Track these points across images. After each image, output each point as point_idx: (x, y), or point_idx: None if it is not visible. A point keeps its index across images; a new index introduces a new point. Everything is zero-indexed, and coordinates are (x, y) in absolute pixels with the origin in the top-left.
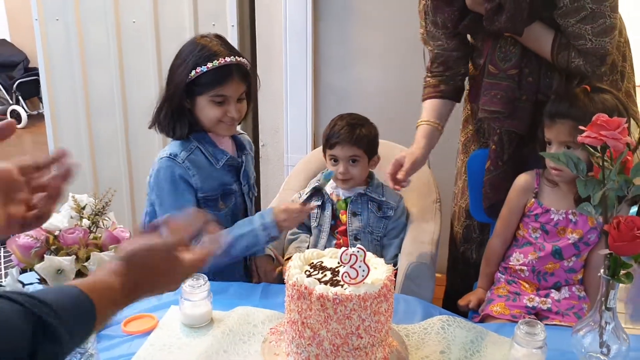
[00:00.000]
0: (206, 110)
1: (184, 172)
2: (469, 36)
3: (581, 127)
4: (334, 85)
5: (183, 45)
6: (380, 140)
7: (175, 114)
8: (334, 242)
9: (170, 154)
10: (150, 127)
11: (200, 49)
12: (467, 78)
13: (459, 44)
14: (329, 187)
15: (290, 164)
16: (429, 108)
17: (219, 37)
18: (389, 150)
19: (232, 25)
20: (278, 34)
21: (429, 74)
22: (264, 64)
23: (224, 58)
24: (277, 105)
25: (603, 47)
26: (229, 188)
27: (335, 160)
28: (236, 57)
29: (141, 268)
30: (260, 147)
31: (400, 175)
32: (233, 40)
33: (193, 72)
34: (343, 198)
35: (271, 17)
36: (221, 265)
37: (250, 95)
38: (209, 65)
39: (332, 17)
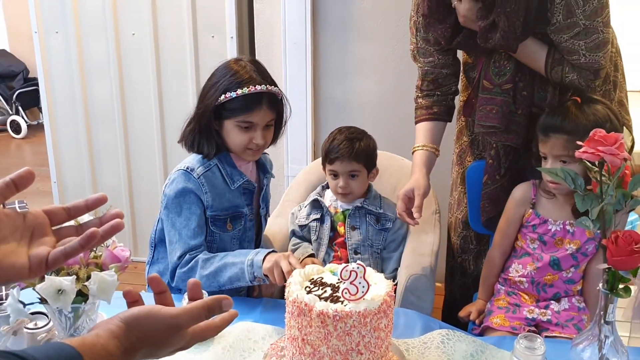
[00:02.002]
0: (232, 134)
1: (197, 187)
2: (459, 51)
3: (578, 143)
4: (333, 97)
5: (218, 66)
6: (379, 151)
7: (204, 133)
8: (333, 254)
9: (187, 168)
10: (179, 142)
11: (232, 74)
12: (459, 92)
13: (450, 60)
14: (327, 199)
15: (291, 174)
16: (423, 132)
17: (254, 63)
18: (388, 161)
19: (231, 37)
20: (277, 46)
21: (420, 94)
22: None
23: (255, 86)
24: None
25: (597, 62)
26: (240, 211)
27: (335, 175)
28: (267, 85)
29: (143, 335)
30: None
31: (416, 215)
32: (232, 51)
33: (222, 97)
34: (341, 210)
35: (270, 29)
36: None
37: (281, 122)
38: (239, 91)
39: (331, 29)
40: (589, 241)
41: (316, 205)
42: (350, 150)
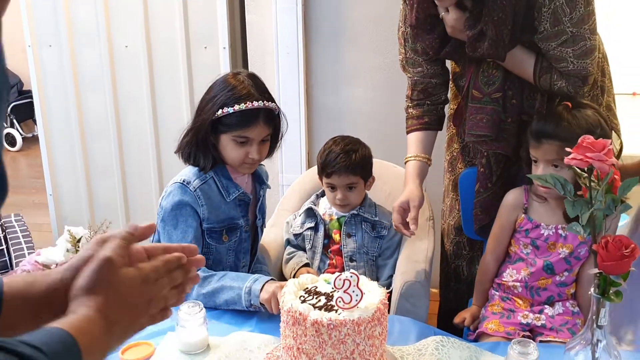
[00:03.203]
0: (229, 148)
1: (194, 200)
2: (448, 60)
3: (567, 149)
4: (326, 105)
5: (216, 79)
6: (374, 159)
7: (201, 146)
8: (328, 262)
9: (183, 181)
10: (175, 152)
11: (230, 89)
12: (449, 102)
13: (439, 70)
14: (322, 207)
15: (285, 183)
16: (415, 142)
17: (252, 77)
18: (382, 169)
19: (224, 48)
20: (270, 56)
21: (410, 103)
22: None
23: (252, 102)
24: None
25: (585, 69)
26: (235, 222)
27: (332, 187)
28: (265, 101)
29: (119, 301)
30: None
31: (413, 227)
32: (225, 62)
33: (220, 112)
34: (336, 217)
35: (262, 39)
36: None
37: (277, 137)
38: (236, 107)
39: (323, 38)
40: (582, 245)
41: (310, 214)
42: (347, 164)
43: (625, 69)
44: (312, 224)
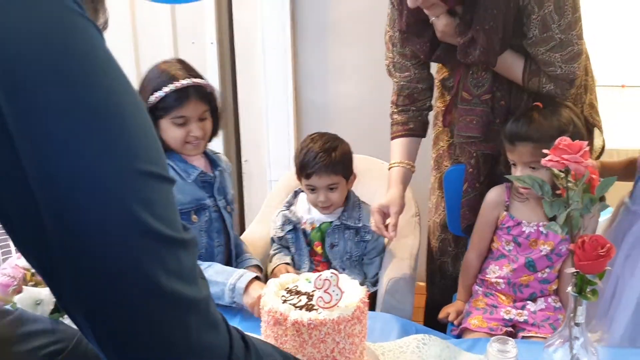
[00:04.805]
0: (169, 132)
1: None
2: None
3: (544, 151)
4: (314, 101)
5: (147, 71)
6: (360, 155)
7: None
8: (314, 268)
9: None
10: None
11: (159, 74)
12: (436, 100)
13: (425, 74)
14: (300, 209)
15: (273, 178)
16: (399, 148)
17: (180, 62)
18: (369, 165)
19: (212, 43)
20: (257, 51)
21: (395, 109)
22: (244, 80)
23: (180, 81)
24: (259, 121)
25: (572, 72)
26: (202, 203)
27: (313, 189)
28: (194, 78)
29: None
30: (242, 162)
31: (392, 233)
32: (212, 57)
33: (153, 98)
34: (318, 225)
35: (249, 34)
36: None
37: (217, 114)
38: (165, 89)
39: (311, 33)
40: (562, 242)
41: (286, 221)
42: (328, 163)
43: (614, 61)
44: (291, 227)
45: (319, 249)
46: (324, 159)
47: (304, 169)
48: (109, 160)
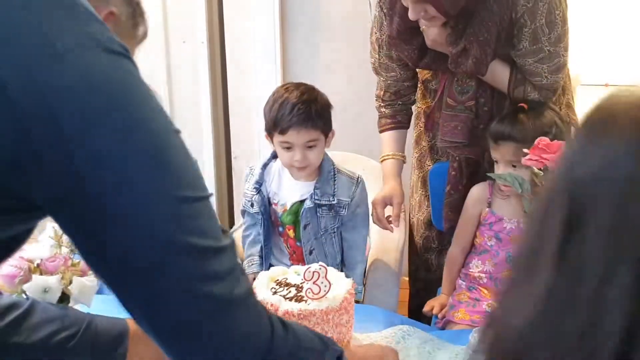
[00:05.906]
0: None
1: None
2: None
3: (525, 150)
4: None
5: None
6: (353, 155)
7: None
8: (286, 251)
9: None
10: None
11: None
12: (418, 101)
13: (411, 74)
14: (273, 183)
15: None
16: (390, 140)
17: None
18: (358, 162)
19: (202, 42)
20: (248, 50)
21: (382, 103)
22: (234, 79)
23: None
24: (249, 119)
25: (557, 82)
26: None
27: (288, 147)
28: None
29: None
30: (232, 159)
31: (396, 223)
32: (203, 57)
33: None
34: (289, 207)
35: (240, 33)
36: None
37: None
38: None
39: (301, 32)
40: None
41: (257, 199)
42: (307, 117)
43: (597, 60)
44: (261, 209)
45: (291, 232)
46: (302, 112)
47: (278, 124)
48: (158, 200)
